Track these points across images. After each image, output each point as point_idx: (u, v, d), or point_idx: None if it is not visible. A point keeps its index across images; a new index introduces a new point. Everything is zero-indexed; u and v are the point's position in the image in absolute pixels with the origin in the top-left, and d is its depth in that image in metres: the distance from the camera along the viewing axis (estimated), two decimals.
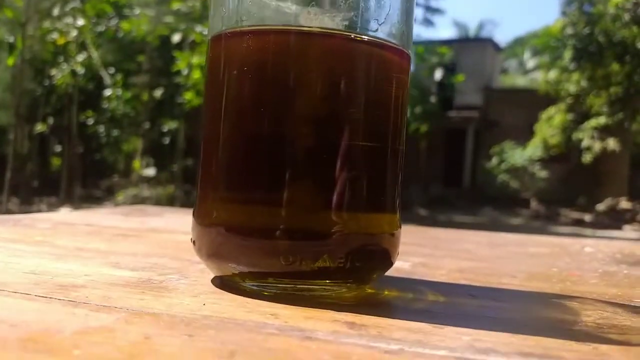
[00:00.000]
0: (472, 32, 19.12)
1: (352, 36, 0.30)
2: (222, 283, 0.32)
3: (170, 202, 6.77)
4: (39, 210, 7.74)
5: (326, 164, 0.29)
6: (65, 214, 0.76)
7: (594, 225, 9.68)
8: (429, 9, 12.12)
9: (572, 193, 11.56)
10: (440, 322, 0.26)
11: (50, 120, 9.79)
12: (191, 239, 0.32)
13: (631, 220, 10.27)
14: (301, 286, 0.30)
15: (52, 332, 0.21)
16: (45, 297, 0.26)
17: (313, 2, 0.31)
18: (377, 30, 0.32)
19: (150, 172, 6.99)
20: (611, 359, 0.22)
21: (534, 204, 11.26)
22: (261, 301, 0.28)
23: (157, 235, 0.55)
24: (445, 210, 11.30)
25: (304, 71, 0.29)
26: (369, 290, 0.32)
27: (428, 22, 12.36)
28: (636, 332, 0.27)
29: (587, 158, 10.42)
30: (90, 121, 8.22)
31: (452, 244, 0.64)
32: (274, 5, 0.33)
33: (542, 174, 11.20)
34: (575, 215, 10.50)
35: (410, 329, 0.24)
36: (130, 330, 0.22)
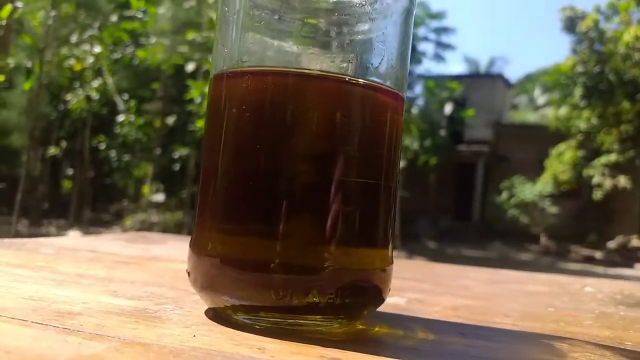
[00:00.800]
0: (482, 68, 19.31)
1: (348, 79, 0.32)
2: (215, 315, 0.32)
3: (178, 228, 6.79)
4: (48, 233, 7.78)
5: (319, 200, 0.30)
6: (69, 239, 0.77)
7: (605, 262, 9.53)
8: (440, 44, 12.28)
9: (583, 229, 11.44)
10: None
11: (64, 144, 9.93)
12: (187, 270, 0.33)
13: None
14: (292, 321, 0.30)
15: (45, 359, 0.22)
16: (42, 323, 0.27)
17: (313, 44, 0.33)
18: (373, 73, 0.33)
19: (160, 197, 7.04)
20: None
21: (543, 239, 11.14)
22: (251, 334, 0.28)
23: (158, 264, 0.56)
24: (454, 243, 11.21)
25: (301, 111, 0.31)
26: (360, 327, 0.33)
27: (439, 58, 12.50)
28: None
29: (597, 195, 10.35)
30: (102, 146, 8.32)
31: (451, 280, 0.64)
32: (275, 45, 0.34)
33: (553, 209, 11.12)
34: (586, 252, 10.36)
35: None
36: (119, 359, 0.22)
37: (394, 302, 0.44)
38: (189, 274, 0.33)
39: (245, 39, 0.33)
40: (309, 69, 0.32)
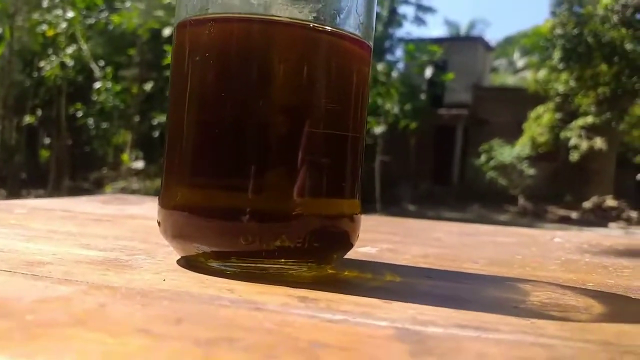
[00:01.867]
0: (463, 31, 19.19)
1: (313, 26, 0.31)
2: (187, 263, 0.33)
3: (158, 195, 6.77)
4: None
5: (287, 150, 0.30)
6: (43, 201, 0.77)
7: (580, 222, 9.79)
8: (420, 7, 12.13)
9: (560, 191, 11.67)
10: (390, 298, 0.27)
11: (39, 112, 9.72)
12: (157, 221, 0.33)
13: (616, 218, 10.40)
14: (262, 265, 0.31)
15: (10, 301, 0.22)
16: (10, 271, 0.27)
17: None
18: (339, 22, 0.33)
19: (139, 164, 6.97)
20: (545, 332, 0.23)
21: (521, 201, 11.36)
22: (221, 278, 0.29)
23: (132, 221, 0.56)
24: (434, 206, 11.36)
25: (265, 60, 0.30)
26: (330, 271, 0.34)
27: (419, 21, 12.36)
28: (577, 311, 0.28)
29: (574, 156, 10.54)
30: (80, 114, 8.18)
31: (423, 233, 0.65)
32: None
33: (530, 171, 11.30)
34: (562, 212, 10.61)
35: (359, 303, 0.25)
36: (86, 300, 0.23)
37: (365, 251, 0.45)
38: (159, 223, 0.33)
39: None
40: (274, 15, 0.31)
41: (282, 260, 0.31)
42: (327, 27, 0.32)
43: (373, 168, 8.45)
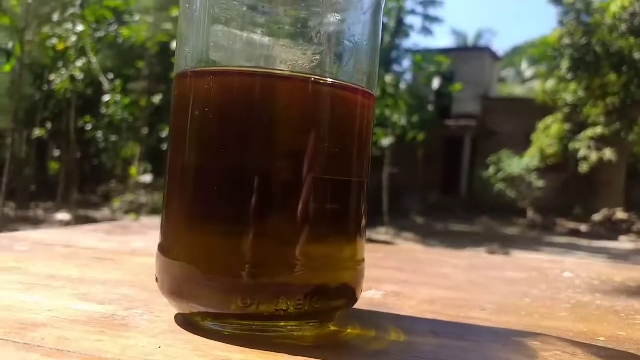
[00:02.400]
0: (470, 41, 19.21)
1: (314, 79, 0.31)
2: (184, 320, 0.32)
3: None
4: (35, 215, 7.73)
5: (287, 202, 0.30)
6: (45, 232, 0.76)
7: (590, 235, 9.69)
8: (427, 17, 12.16)
9: (569, 203, 11.58)
10: None
11: (49, 125, 9.83)
12: (155, 275, 0.33)
13: (627, 231, 10.30)
14: (261, 327, 0.30)
15: None
16: (2, 339, 0.26)
17: (284, 35, 0.32)
18: (343, 67, 0.33)
19: (147, 178, 7.00)
20: None
21: (530, 213, 11.28)
22: (218, 343, 0.28)
23: (134, 260, 0.55)
24: (442, 218, 11.31)
25: (266, 113, 0.30)
26: (332, 328, 0.33)
27: (426, 31, 12.38)
28: None
29: (583, 168, 10.46)
30: (89, 126, 8.26)
31: (431, 268, 0.64)
32: (245, 37, 0.33)
33: (539, 183, 11.23)
34: (572, 225, 10.51)
35: None
36: None
37: (370, 296, 0.44)
38: (157, 279, 0.32)
39: (210, 34, 0.32)
40: (274, 69, 0.31)
41: (282, 322, 0.30)
42: (327, 80, 0.31)
43: (381, 180, 8.44)
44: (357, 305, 0.37)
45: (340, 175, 0.32)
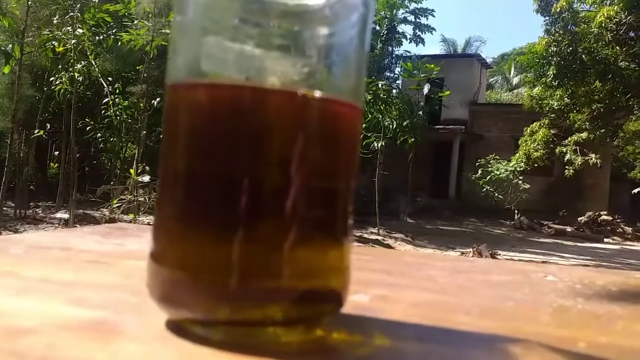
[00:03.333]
0: (459, 49, 19.38)
1: (301, 94, 0.31)
2: (175, 326, 0.32)
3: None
4: (34, 214, 7.66)
5: (273, 210, 0.30)
6: (42, 234, 0.76)
7: (576, 237, 9.80)
8: (418, 26, 12.25)
9: (555, 205, 11.71)
10: None
11: (48, 126, 9.80)
12: (147, 284, 0.33)
13: (612, 233, 10.42)
14: (250, 333, 0.30)
15: None
16: None
17: (274, 48, 0.33)
18: (332, 78, 0.33)
19: (145, 178, 6.96)
20: None
21: (517, 215, 11.38)
22: (207, 349, 0.28)
23: (129, 262, 0.55)
24: (432, 219, 11.36)
25: (255, 125, 0.30)
26: (319, 333, 0.33)
27: (418, 39, 12.48)
28: None
29: (569, 172, 10.58)
30: (88, 127, 8.26)
31: (418, 271, 0.65)
32: (236, 48, 0.34)
33: (526, 186, 11.34)
34: (557, 227, 10.63)
35: None
36: None
37: (358, 299, 0.44)
38: (147, 285, 0.33)
39: (202, 45, 0.33)
40: (262, 83, 0.31)
41: (269, 328, 0.30)
42: (316, 92, 0.32)
43: (372, 182, 8.48)
44: (344, 309, 0.38)
45: (327, 183, 0.33)
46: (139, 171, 7.02)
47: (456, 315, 0.42)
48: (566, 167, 10.65)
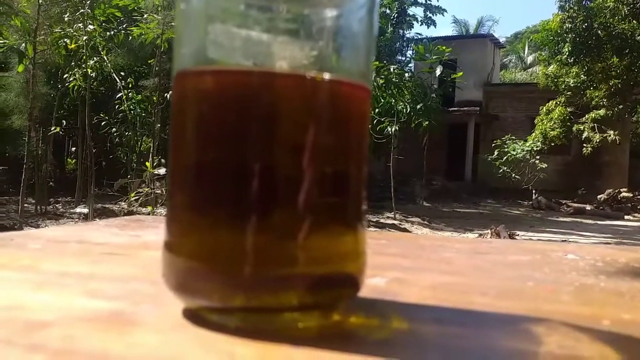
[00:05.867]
0: (472, 30, 19.10)
1: (310, 77, 0.31)
2: (192, 314, 0.32)
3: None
4: (54, 210, 7.80)
5: (287, 195, 0.30)
6: (59, 229, 0.77)
7: (596, 215, 9.67)
8: (429, 7, 12.08)
9: (573, 184, 11.57)
10: (395, 355, 0.26)
11: (64, 123, 9.95)
12: (162, 274, 0.33)
13: (632, 210, 10.26)
14: (266, 319, 0.30)
15: None
16: (6, 340, 0.27)
17: (282, 32, 0.32)
18: (340, 62, 0.33)
19: (162, 171, 7.03)
20: None
21: (535, 195, 11.26)
22: (223, 336, 0.28)
23: (145, 253, 0.56)
24: (448, 202, 11.30)
25: (264, 109, 0.30)
26: (336, 318, 0.33)
27: (429, 21, 12.31)
28: None
29: (587, 150, 10.42)
30: (103, 123, 8.36)
31: (434, 254, 0.64)
32: (242, 34, 0.33)
33: (543, 165, 11.20)
34: (577, 205, 10.50)
35: None
36: None
37: (374, 283, 0.44)
38: (163, 274, 0.33)
39: (207, 31, 0.32)
40: (269, 67, 0.31)
41: (286, 314, 0.30)
42: (325, 74, 0.31)
43: (387, 166, 8.45)
44: (361, 293, 0.37)
45: (339, 167, 0.32)
46: (154, 164, 7.09)
47: (474, 296, 0.42)
48: (584, 145, 10.48)
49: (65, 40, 6.37)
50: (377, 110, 7.85)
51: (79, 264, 0.48)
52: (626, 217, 9.60)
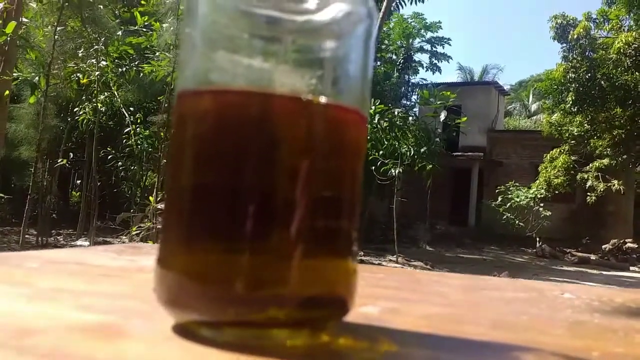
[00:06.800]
0: (477, 77, 19.43)
1: (306, 100, 0.32)
2: (182, 329, 0.32)
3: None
4: (56, 242, 7.78)
5: (279, 216, 0.31)
6: (57, 252, 0.77)
7: (600, 265, 9.55)
8: (435, 54, 12.35)
9: (577, 232, 11.48)
10: None
11: (72, 155, 10.04)
12: (153, 288, 0.33)
13: (638, 261, 10.13)
14: (255, 335, 0.30)
15: None
16: None
17: (281, 61, 0.33)
18: (338, 90, 0.34)
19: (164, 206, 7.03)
20: None
21: (538, 243, 11.16)
22: (212, 350, 0.28)
23: (140, 276, 0.56)
24: (451, 247, 11.21)
25: (260, 131, 0.31)
26: (325, 338, 0.33)
27: (434, 67, 12.56)
28: None
29: (591, 198, 10.39)
30: (110, 156, 8.44)
31: (430, 288, 0.64)
32: (244, 62, 0.35)
33: (547, 213, 11.15)
34: (581, 254, 10.38)
35: None
36: None
37: (367, 311, 0.44)
38: (154, 289, 0.33)
39: (209, 58, 0.34)
40: (269, 89, 0.32)
41: (275, 330, 0.30)
42: (322, 100, 0.32)
43: (390, 209, 8.42)
44: (351, 320, 0.38)
45: (333, 192, 0.33)
46: (158, 199, 7.10)
47: (467, 326, 0.42)
48: (588, 193, 10.47)
49: (78, 75, 6.50)
50: (380, 152, 7.89)
51: (74, 282, 0.48)
52: (632, 268, 9.48)
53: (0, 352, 0.26)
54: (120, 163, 8.61)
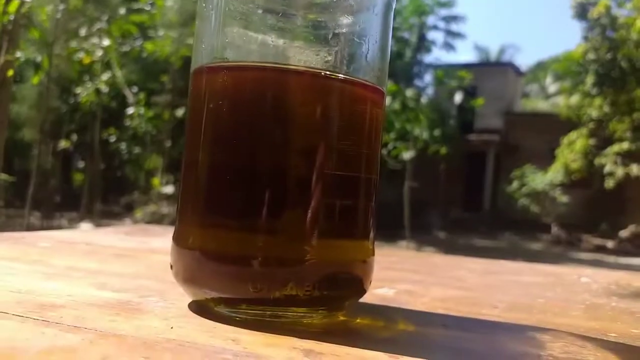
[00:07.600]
0: (493, 56, 19.11)
1: (325, 74, 0.32)
2: (197, 307, 0.33)
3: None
4: (60, 225, 7.89)
5: (298, 193, 0.31)
6: (67, 232, 0.79)
7: (617, 252, 9.45)
8: (449, 32, 12.16)
9: (594, 219, 11.35)
10: (398, 352, 0.26)
11: (74, 137, 10.08)
12: (170, 264, 0.34)
13: None
14: (272, 312, 0.31)
15: (18, 351, 0.22)
16: (22, 316, 0.27)
17: (298, 37, 0.33)
18: (354, 66, 0.33)
19: (169, 189, 7.08)
20: None
21: (555, 229, 11.06)
22: (229, 326, 0.29)
23: (152, 257, 0.57)
24: (465, 234, 11.16)
25: (278, 106, 0.31)
26: (341, 318, 0.33)
27: (449, 46, 12.38)
28: None
29: (609, 184, 10.24)
30: (113, 138, 8.44)
31: (446, 271, 0.64)
32: (259, 38, 0.35)
33: (564, 198, 11.03)
34: (597, 241, 10.27)
35: (364, 358, 0.25)
36: (91, 351, 0.23)
37: (382, 293, 0.44)
38: (171, 267, 0.33)
39: (225, 34, 0.33)
40: (286, 64, 0.32)
41: (292, 308, 0.30)
42: (339, 75, 0.32)
43: (402, 194, 8.38)
44: (368, 300, 0.38)
45: (351, 171, 0.33)
46: (162, 182, 7.15)
47: (483, 308, 0.41)
48: (606, 178, 10.32)
49: (80, 54, 6.48)
50: (392, 135, 7.81)
51: (87, 261, 0.49)
52: None
53: (27, 324, 0.26)
54: (123, 146, 8.62)
